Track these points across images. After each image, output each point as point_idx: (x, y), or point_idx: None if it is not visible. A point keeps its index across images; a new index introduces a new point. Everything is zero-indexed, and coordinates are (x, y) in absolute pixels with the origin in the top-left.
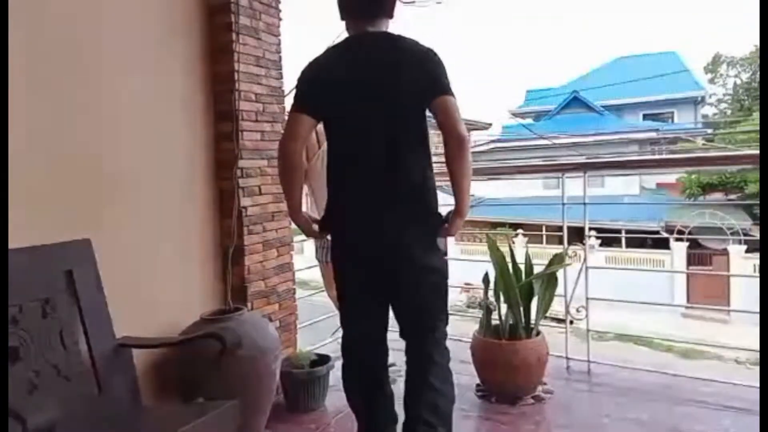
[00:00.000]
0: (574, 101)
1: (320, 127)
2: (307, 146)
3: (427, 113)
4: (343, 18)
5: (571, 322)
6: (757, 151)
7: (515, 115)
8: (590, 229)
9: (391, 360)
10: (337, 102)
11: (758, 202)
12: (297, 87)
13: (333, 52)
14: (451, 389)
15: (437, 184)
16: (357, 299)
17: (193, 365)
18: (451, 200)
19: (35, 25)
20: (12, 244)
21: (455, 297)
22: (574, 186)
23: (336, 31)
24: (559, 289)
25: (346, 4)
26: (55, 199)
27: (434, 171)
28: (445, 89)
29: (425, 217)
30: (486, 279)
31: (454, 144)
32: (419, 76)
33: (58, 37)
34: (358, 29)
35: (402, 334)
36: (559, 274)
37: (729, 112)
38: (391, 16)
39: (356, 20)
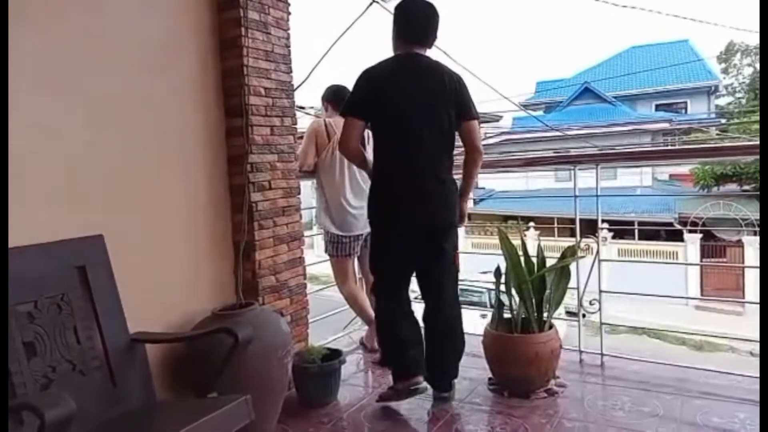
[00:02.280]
0: (586, 92)
1: (330, 120)
2: (318, 142)
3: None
4: (397, 37)
5: (584, 315)
6: None
7: (526, 106)
8: (603, 221)
9: None
10: (389, 109)
11: None
12: (353, 93)
13: (386, 66)
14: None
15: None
16: (397, 253)
17: (206, 360)
18: None
19: (47, 27)
20: (26, 240)
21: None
22: (586, 178)
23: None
24: (572, 282)
25: (404, 32)
26: (68, 196)
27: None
28: (473, 115)
29: (450, 202)
30: (498, 272)
31: (475, 155)
32: (456, 99)
33: (67, 37)
34: (406, 50)
35: (424, 290)
36: (572, 267)
37: (744, 101)
38: (430, 47)
39: (406, 44)
